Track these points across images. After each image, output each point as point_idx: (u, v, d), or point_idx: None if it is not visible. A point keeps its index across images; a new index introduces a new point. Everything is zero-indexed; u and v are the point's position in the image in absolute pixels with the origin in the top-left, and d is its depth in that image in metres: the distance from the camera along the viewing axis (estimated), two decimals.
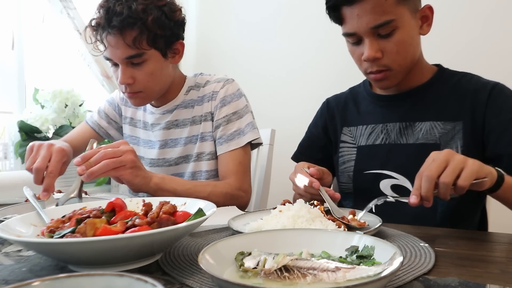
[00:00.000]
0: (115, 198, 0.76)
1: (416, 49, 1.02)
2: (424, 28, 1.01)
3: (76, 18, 1.86)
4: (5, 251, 0.73)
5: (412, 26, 0.97)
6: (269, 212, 0.85)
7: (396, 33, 0.95)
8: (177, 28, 1.22)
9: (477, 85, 1.02)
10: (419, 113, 1.05)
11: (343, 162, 1.16)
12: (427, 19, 1.01)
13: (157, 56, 1.19)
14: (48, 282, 0.38)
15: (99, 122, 1.44)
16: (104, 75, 1.97)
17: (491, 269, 0.60)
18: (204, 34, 2.69)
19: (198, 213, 0.69)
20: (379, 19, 0.93)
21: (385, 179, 1.07)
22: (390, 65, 0.98)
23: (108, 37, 1.13)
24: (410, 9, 0.96)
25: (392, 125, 1.08)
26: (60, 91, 1.85)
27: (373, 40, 0.96)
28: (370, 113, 1.14)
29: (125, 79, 1.17)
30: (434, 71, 1.08)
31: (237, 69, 2.43)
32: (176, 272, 0.59)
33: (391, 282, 0.54)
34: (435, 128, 1.02)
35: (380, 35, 0.95)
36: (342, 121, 1.19)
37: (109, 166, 0.92)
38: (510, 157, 0.94)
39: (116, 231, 0.62)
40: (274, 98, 2.33)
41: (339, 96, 1.24)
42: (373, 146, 1.10)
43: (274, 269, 0.51)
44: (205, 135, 1.29)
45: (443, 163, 0.73)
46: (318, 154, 1.25)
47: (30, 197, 0.90)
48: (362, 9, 0.93)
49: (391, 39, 0.95)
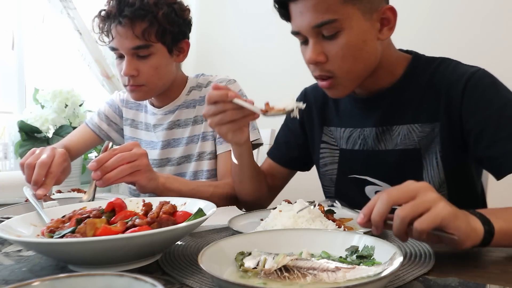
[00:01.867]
0: (115, 198, 0.76)
1: (371, 55, 0.89)
2: (384, 33, 0.88)
3: (76, 18, 1.86)
4: (5, 251, 0.73)
5: (363, 29, 0.85)
6: (269, 212, 0.85)
7: (342, 35, 0.84)
8: (185, 27, 1.25)
9: (452, 78, 0.89)
10: (395, 116, 0.95)
11: (325, 164, 1.09)
12: (389, 22, 0.87)
13: (163, 51, 1.21)
14: (48, 282, 0.39)
15: (100, 125, 1.44)
16: (104, 75, 1.97)
17: (491, 269, 0.60)
18: (204, 33, 2.69)
19: (198, 213, 0.69)
20: (320, 18, 0.83)
21: (369, 185, 1.00)
22: (335, 71, 0.87)
23: (117, 27, 1.14)
24: (361, 9, 0.84)
25: (368, 130, 0.99)
26: (60, 91, 1.85)
27: (316, 41, 0.86)
28: (348, 115, 1.04)
29: (129, 71, 1.17)
30: (406, 64, 0.95)
31: (237, 69, 2.42)
32: (176, 272, 0.59)
33: (391, 282, 0.54)
34: (413, 131, 0.93)
35: (324, 36, 0.85)
36: (322, 119, 1.10)
37: (126, 172, 0.90)
38: (489, 160, 0.84)
39: (116, 231, 0.62)
40: (274, 98, 2.32)
41: (318, 89, 1.09)
42: (353, 151, 1.02)
43: (274, 269, 0.51)
44: (206, 134, 1.30)
45: (410, 194, 0.60)
46: (295, 151, 1.17)
47: (30, 197, 0.90)
48: (305, 6, 0.85)
49: (336, 41, 0.85)
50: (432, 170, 0.92)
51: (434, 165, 0.92)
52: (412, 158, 0.93)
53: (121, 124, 1.45)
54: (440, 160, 0.91)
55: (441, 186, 0.92)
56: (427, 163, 0.93)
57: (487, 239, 0.62)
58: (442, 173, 0.92)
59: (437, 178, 0.92)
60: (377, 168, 0.99)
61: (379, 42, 0.89)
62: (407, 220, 0.58)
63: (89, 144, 1.44)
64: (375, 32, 0.87)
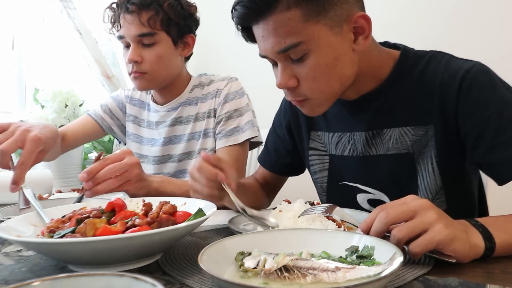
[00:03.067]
0: (115, 198, 0.76)
1: (347, 70, 0.82)
2: (359, 42, 0.80)
3: (76, 18, 1.86)
4: (5, 251, 0.73)
5: (333, 46, 0.78)
6: (269, 212, 0.85)
7: (310, 56, 0.78)
8: (190, 21, 1.31)
9: (445, 76, 0.82)
10: (385, 119, 0.89)
11: (315, 172, 1.04)
12: (363, 30, 0.80)
13: (168, 41, 1.26)
14: (48, 282, 0.38)
15: (103, 116, 1.45)
16: (104, 75, 1.97)
17: (491, 269, 0.60)
18: (204, 34, 2.68)
19: (198, 213, 0.69)
20: (283, 43, 0.77)
21: (360, 193, 0.96)
22: (308, 94, 0.82)
23: (125, 15, 1.22)
24: (328, 24, 0.77)
25: (358, 134, 0.93)
26: (60, 91, 1.85)
27: (285, 65, 0.80)
28: (336, 119, 0.98)
29: (133, 56, 1.22)
30: (394, 62, 0.89)
31: (237, 69, 2.42)
32: (176, 272, 0.59)
33: (391, 282, 0.54)
34: (405, 135, 0.87)
35: (292, 59, 0.80)
36: (308, 124, 1.04)
37: (114, 185, 0.91)
38: (489, 167, 0.80)
39: (116, 231, 0.62)
40: (273, 97, 2.32)
41: None
42: (343, 157, 0.97)
43: (274, 269, 0.51)
44: (208, 131, 1.33)
45: (409, 214, 0.59)
46: (286, 159, 1.12)
47: (30, 197, 0.90)
48: (265, 30, 0.78)
49: (305, 64, 0.79)
50: (428, 177, 0.88)
51: (430, 170, 0.87)
52: (405, 163, 0.89)
53: (123, 121, 1.47)
54: (436, 166, 0.86)
55: (438, 193, 0.88)
56: (422, 169, 0.88)
57: (487, 255, 0.61)
58: (439, 179, 0.87)
59: (434, 185, 0.88)
60: (368, 174, 0.94)
61: (355, 53, 0.82)
62: (403, 242, 0.58)
63: (91, 134, 1.44)
64: (349, 44, 0.80)
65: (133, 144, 1.44)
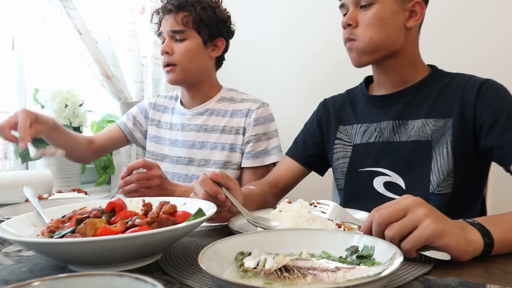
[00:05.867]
0: (115, 198, 0.76)
1: (395, 34, 1.03)
2: (410, 22, 1.03)
3: (76, 18, 1.85)
4: (5, 251, 0.73)
5: (392, 10, 1.01)
6: (269, 212, 0.85)
7: (373, 7, 1.01)
8: (221, 26, 1.45)
9: (468, 83, 1.02)
10: (411, 112, 1.06)
11: (337, 158, 1.18)
12: (416, 14, 1.03)
13: (198, 40, 1.41)
14: (48, 282, 0.39)
15: (126, 123, 1.62)
16: (104, 75, 1.97)
17: (491, 269, 0.60)
18: None
19: (198, 213, 0.69)
20: None
21: (378, 176, 1.08)
22: (360, 36, 1.02)
23: (164, 15, 1.41)
24: None
25: (385, 123, 1.09)
26: (60, 91, 1.85)
27: (354, 10, 1.04)
28: (366, 113, 1.15)
29: (165, 47, 1.40)
30: (428, 71, 1.09)
31: (237, 68, 2.43)
32: (176, 272, 0.59)
33: (391, 282, 0.54)
34: (427, 125, 1.03)
35: (361, 6, 1.03)
36: (338, 119, 1.21)
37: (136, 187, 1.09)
38: (499, 148, 0.93)
39: (116, 231, 0.62)
40: (273, 98, 2.33)
41: (336, 97, 1.26)
42: (367, 144, 1.12)
43: (274, 269, 0.51)
44: (235, 146, 1.44)
45: (400, 212, 0.61)
46: (312, 150, 1.26)
47: (30, 197, 0.90)
48: None
49: (368, 11, 1.01)
50: (442, 159, 1.00)
51: (444, 154, 1.00)
52: (422, 148, 1.02)
53: (146, 126, 1.61)
54: (450, 150, 0.99)
55: (449, 175, 0.99)
56: (437, 153, 1.00)
57: (487, 251, 0.62)
58: (452, 161, 0.99)
59: (446, 167, 0.99)
60: (389, 158, 1.07)
61: (404, 30, 1.03)
62: (395, 240, 0.59)
63: (116, 140, 1.62)
64: (403, 18, 1.02)
65: (153, 145, 1.56)
